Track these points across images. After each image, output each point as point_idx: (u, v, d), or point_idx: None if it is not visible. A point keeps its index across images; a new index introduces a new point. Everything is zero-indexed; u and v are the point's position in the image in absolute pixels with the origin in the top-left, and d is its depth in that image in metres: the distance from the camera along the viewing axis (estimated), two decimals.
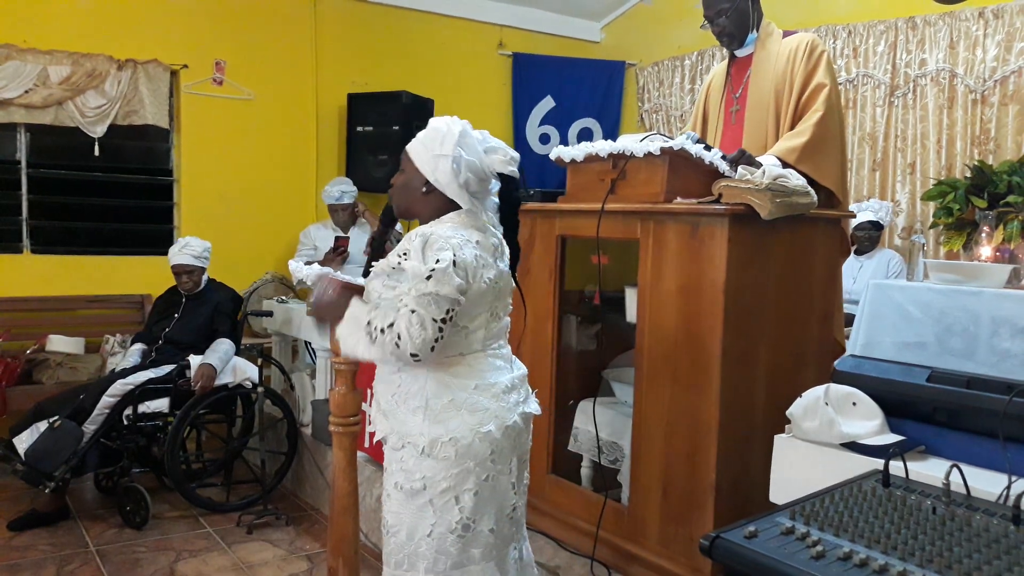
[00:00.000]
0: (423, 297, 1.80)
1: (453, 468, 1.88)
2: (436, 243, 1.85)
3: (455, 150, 1.92)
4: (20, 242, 4.90)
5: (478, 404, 1.92)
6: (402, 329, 1.80)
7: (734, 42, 2.94)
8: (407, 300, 1.82)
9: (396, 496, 1.94)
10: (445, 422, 1.89)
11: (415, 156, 1.98)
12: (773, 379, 2.47)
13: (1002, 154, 4.20)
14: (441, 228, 1.90)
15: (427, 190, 1.98)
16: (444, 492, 1.89)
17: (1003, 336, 2.44)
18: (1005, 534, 1.33)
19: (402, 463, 1.92)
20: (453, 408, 1.90)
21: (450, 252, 1.83)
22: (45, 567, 3.36)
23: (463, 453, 1.88)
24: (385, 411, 1.98)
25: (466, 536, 1.91)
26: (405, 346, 1.80)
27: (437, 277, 1.80)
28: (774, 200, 2.27)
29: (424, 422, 1.89)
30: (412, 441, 1.90)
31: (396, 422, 1.94)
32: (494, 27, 6.33)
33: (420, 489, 1.89)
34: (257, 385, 4.13)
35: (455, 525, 1.89)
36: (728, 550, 1.35)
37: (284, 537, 3.75)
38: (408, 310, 1.81)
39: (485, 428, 1.90)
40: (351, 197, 5.10)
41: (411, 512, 1.91)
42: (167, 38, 5.07)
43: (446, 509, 1.89)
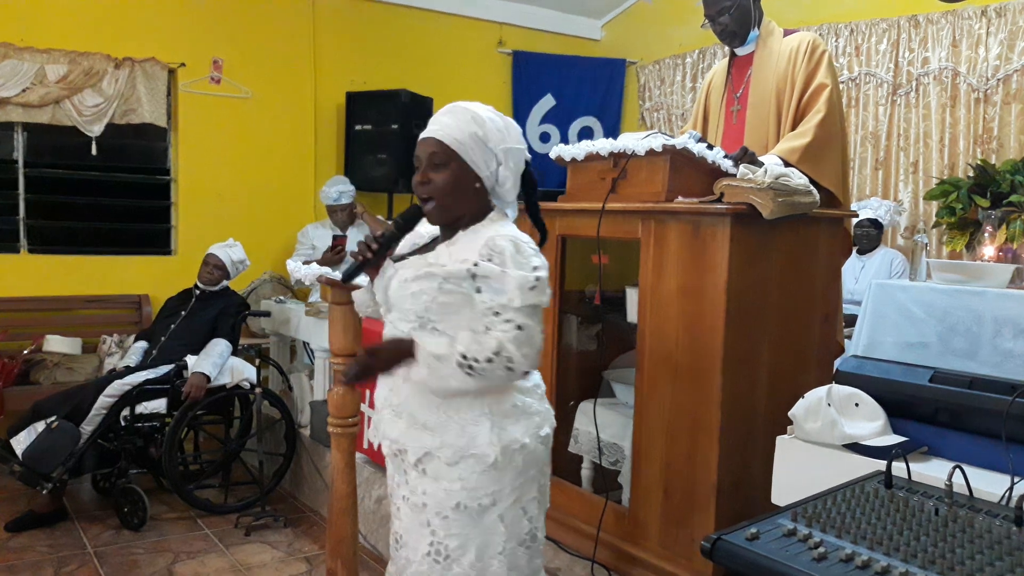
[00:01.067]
0: (529, 308, 1.70)
1: (520, 478, 1.79)
2: (525, 249, 1.74)
3: (521, 141, 1.84)
4: (17, 242, 4.89)
5: (532, 407, 1.84)
6: (512, 352, 1.68)
7: (735, 40, 2.93)
8: (508, 315, 1.69)
9: (457, 517, 1.77)
10: (511, 428, 1.78)
11: (463, 150, 1.79)
12: (775, 380, 2.45)
13: (1005, 153, 4.19)
14: (512, 231, 1.78)
15: (479, 187, 1.83)
16: (514, 504, 1.79)
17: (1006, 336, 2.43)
18: (1008, 535, 1.32)
19: (463, 480, 1.76)
20: (516, 413, 1.80)
21: (539, 259, 1.74)
22: (43, 568, 3.34)
23: (529, 460, 1.80)
24: (429, 424, 1.79)
25: (533, 547, 1.83)
26: (518, 368, 1.70)
27: (540, 287, 1.71)
28: (776, 199, 2.26)
29: (492, 430, 1.75)
30: (477, 452, 1.75)
31: (450, 435, 1.77)
32: (494, 25, 6.32)
33: (489, 505, 1.77)
34: (255, 386, 4.12)
35: (525, 537, 1.81)
36: (730, 552, 1.35)
37: (282, 539, 3.73)
38: (513, 327, 1.69)
39: (543, 431, 1.84)
40: (349, 197, 5.09)
41: (479, 531, 1.77)
42: (165, 36, 5.06)
43: (516, 522, 1.79)
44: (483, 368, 1.68)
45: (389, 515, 3.35)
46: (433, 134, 1.81)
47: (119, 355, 4.38)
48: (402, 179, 5.43)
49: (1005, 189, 2.97)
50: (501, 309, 1.70)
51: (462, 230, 1.83)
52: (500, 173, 1.83)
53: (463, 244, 1.79)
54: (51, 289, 4.84)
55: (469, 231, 1.82)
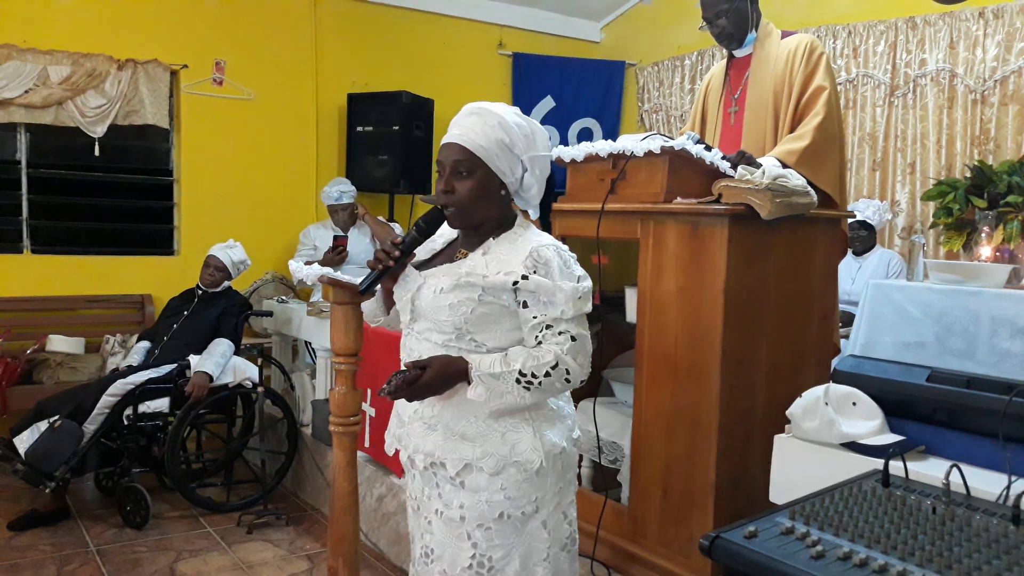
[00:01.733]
0: (580, 317, 1.70)
1: (560, 482, 1.77)
2: (568, 259, 1.73)
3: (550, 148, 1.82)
4: (20, 242, 4.90)
5: (565, 410, 1.83)
6: (570, 364, 1.68)
7: (733, 43, 2.94)
8: (562, 327, 1.68)
9: (500, 527, 1.73)
10: (550, 433, 1.76)
11: (489, 156, 1.73)
12: (773, 379, 2.47)
13: (1002, 154, 4.19)
14: (551, 239, 1.77)
15: (504, 193, 1.78)
16: (555, 509, 1.77)
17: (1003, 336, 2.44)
18: (1005, 534, 1.33)
19: (505, 490, 1.72)
20: (552, 417, 1.78)
21: (579, 267, 1.74)
22: (45, 567, 3.36)
23: (567, 464, 1.79)
24: (467, 435, 1.74)
25: (573, 550, 1.83)
26: (575, 378, 1.70)
27: (587, 295, 1.71)
28: (774, 200, 2.27)
29: (535, 437, 1.73)
30: (521, 459, 1.72)
31: (492, 444, 1.73)
32: (494, 27, 6.33)
33: (532, 513, 1.74)
34: (257, 385, 4.13)
35: (566, 541, 1.80)
36: (728, 550, 1.35)
37: (284, 537, 3.75)
38: (567, 338, 1.68)
39: (575, 434, 1.84)
40: (350, 197, 5.10)
41: (523, 539, 1.74)
42: (167, 38, 5.07)
43: (558, 527, 1.78)
44: (543, 383, 1.67)
45: (390, 514, 3.37)
46: (457, 139, 1.74)
47: (122, 355, 4.39)
48: (403, 180, 5.45)
49: (1002, 190, 2.98)
50: (554, 322, 1.69)
51: (492, 238, 1.79)
52: (525, 179, 1.79)
53: (500, 253, 1.74)
54: (54, 289, 4.85)
55: (502, 239, 1.78)
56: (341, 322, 2.33)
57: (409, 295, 1.80)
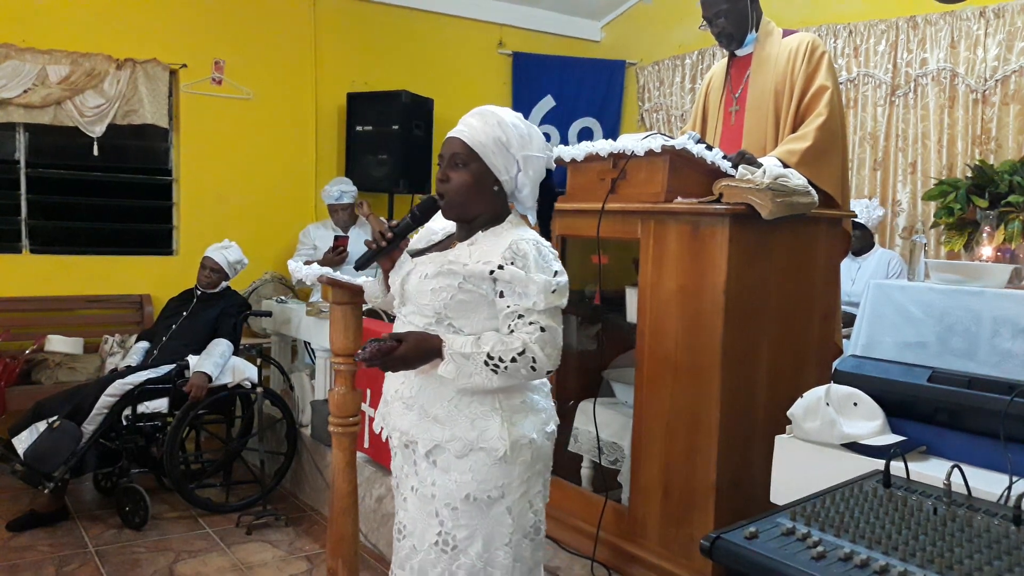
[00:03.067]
0: (551, 310, 1.76)
1: (527, 472, 1.84)
2: (546, 253, 1.80)
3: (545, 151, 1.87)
4: (19, 242, 4.89)
5: (540, 404, 1.90)
6: (536, 352, 1.74)
7: (733, 42, 2.93)
8: (532, 317, 1.75)
9: (466, 508, 1.81)
10: (520, 424, 1.83)
11: (484, 152, 1.83)
12: (774, 379, 2.46)
13: (1003, 154, 4.19)
14: (532, 235, 1.83)
15: (497, 189, 1.87)
16: (522, 497, 1.84)
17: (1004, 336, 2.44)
18: (1006, 535, 1.33)
19: (473, 472, 1.80)
20: (524, 409, 1.85)
21: (558, 262, 1.81)
22: (44, 567, 3.35)
23: (536, 455, 1.85)
24: (439, 417, 1.83)
25: (536, 539, 1.89)
26: (541, 368, 1.76)
27: (561, 289, 1.77)
28: (775, 200, 2.26)
29: (502, 425, 1.80)
30: (487, 446, 1.79)
31: (460, 428, 1.81)
32: (494, 26, 6.33)
33: (498, 497, 1.81)
34: (256, 385, 4.13)
35: (529, 529, 1.86)
36: (729, 551, 1.35)
37: (283, 538, 3.74)
38: (537, 328, 1.74)
39: (549, 428, 1.89)
40: (350, 197, 5.10)
41: (487, 522, 1.82)
42: (166, 37, 5.07)
43: (523, 514, 1.84)
44: (508, 367, 1.74)
45: (389, 514, 3.37)
46: (458, 134, 1.86)
47: (121, 355, 4.38)
48: (403, 180, 5.45)
49: (1003, 189, 2.99)
50: (525, 312, 1.75)
51: (481, 231, 1.87)
52: (519, 179, 1.87)
53: (484, 245, 1.82)
54: (53, 289, 4.85)
55: (489, 232, 1.85)
56: (340, 322, 2.33)
57: (400, 279, 1.91)
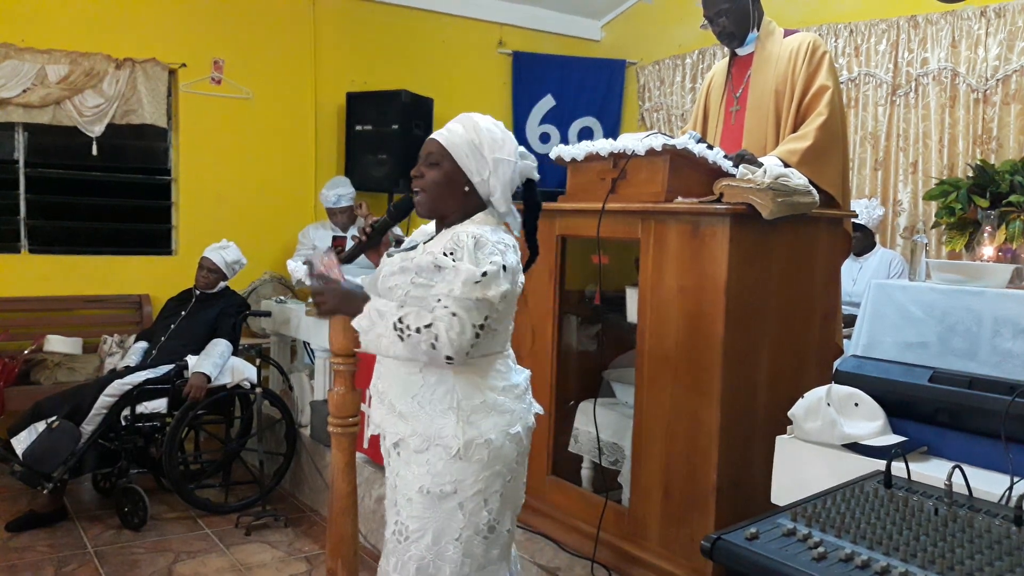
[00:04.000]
0: (468, 301, 1.77)
1: (484, 471, 1.86)
2: (486, 246, 1.82)
3: (515, 156, 1.92)
4: (18, 242, 4.89)
5: (505, 405, 1.91)
6: (441, 331, 1.76)
7: (734, 41, 2.93)
8: (447, 302, 1.78)
9: (420, 500, 1.88)
10: (478, 424, 1.86)
11: (458, 153, 1.91)
12: (775, 379, 2.46)
13: (1004, 153, 4.18)
14: (484, 230, 1.86)
15: (468, 190, 1.93)
16: (475, 495, 1.87)
17: (1005, 336, 2.44)
18: (1007, 535, 1.32)
19: (429, 466, 1.87)
20: (485, 409, 1.88)
21: (500, 257, 1.81)
22: (43, 568, 3.35)
23: (494, 456, 1.87)
24: (403, 413, 1.91)
25: (490, 537, 1.91)
26: (442, 348, 1.77)
27: (486, 282, 1.78)
28: (776, 200, 2.26)
29: (457, 424, 1.85)
30: (443, 443, 1.85)
31: (420, 424, 1.88)
32: (494, 25, 6.32)
33: (450, 492, 1.86)
34: (255, 386, 4.12)
35: (482, 527, 1.89)
36: (729, 552, 1.35)
37: (283, 538, 3.74)
38: (448, 312, 1.77)
39: (513, 430, 1.90)
40: (348, 200, 5.09)
41: (439, 516, 1.87)
42: (165, 37, 5.06)
43: (475, 512, 1.87)
44: (411, 336, 1.79)
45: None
46: (436, 136, 1.96)
47: (120, 355, 4.38)
48: (403, 179, 5.44)
49: (1004, 189, 2.98)
50: (443, 296, 1.80)
51: (446, 228, 1.94)
52: (491, 181, 1.92)
53: (438, 239, 1.90)
54: (52, 289, 4.84)
55: (450, 229, 1.92)
56: (340, 322, 2.32)
57: (378, 275, 1.99)
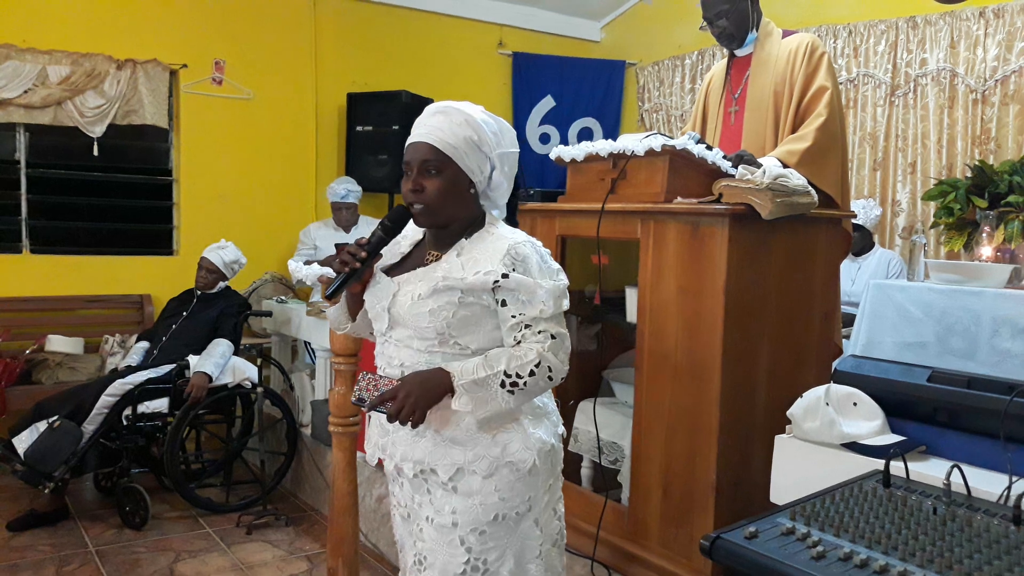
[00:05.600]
0: (559, 315, 1.69)
1: (549, 479, 1.78)
2: (546, 256, 1.73)
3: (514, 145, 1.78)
4: (19, 242, 4.90)
5: (548, 406, 1.83)
6: (552, 361, 1.66)
7: (733, 43, 2.93)
8: (542, 325, 1.67)
9: (495, 530, 1.71)
10: (539, 431, 1.76)
11: (458, 155, 1.70)
12: (774, 379, 2.46)
13: (1003, 154, 4.19)
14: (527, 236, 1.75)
15: (473, 192, 1.75)
16: (547, 506, 1.78)
17: (1004, 336, 2.44)
18: (1006, 534, 1.33)
19: (499, 491, 1.70)
20: (539, 415, 1.78)
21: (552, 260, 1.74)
22: (44, 567, 3.35)
23: (556, 460, 1.80)
24: (456, 439, 1.71)
25: (561, 544, 1.83)
26: (558, 374, 1.68)
27: (565, 292, 1.71)
28: (775, 200, 2.27)
29: (525, 436, 1.72)
30: (513, 460, 1.70)
31: (483, 446, 1.70)
32: (494, 26, 6.33)
33: (526, 511, 1.73)
34: (256, 385, 4.13)
35: (556, 536, 1.81)
36: (729, 551, 1.35)
37: (284, 538, 3.74)
38: (547, 336, 1.66)
39: (560, 429, 1.83)
40: (356, 197, 5.12)
41: (517, 538, 1.73)
42: (166, 38, 5.07)
43: (549, 523, 1.79)
44: (527, 383, 1.64)
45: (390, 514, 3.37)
46: (424, 138, 1.71)
47: (121, 355, 4.39)
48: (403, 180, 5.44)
49: (1003, 189, 2.98)
50: (533, 321, 1.67)
51: (465, 238, 1.75)
52: (494, 177, 1.76)
53: (475, 253, 1.71)
54: (53, 289, 4.85)
55: (475, 239, 1.74)
56: None
57: (385, 303, 1.75)
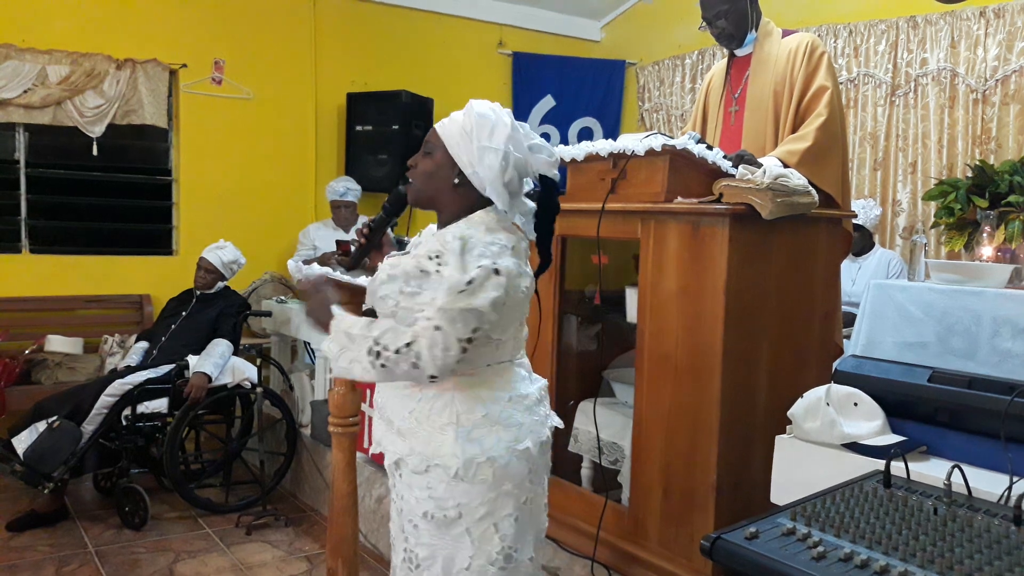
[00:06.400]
0: (453, 312, 1.59)
1: (490, 492, 1.68)
2: (475, 249, 1.65)
3: (506, 144, 1.70)
4: (19, 242, 4.90)
5: (512, 419, 1.72)
6: (423, 349, 1.59)
7: (733, 43, 2.93)
8: (432, 313, 1.60)
9: (426, 526, 1.71)
10: (480, 440, 1.68)
11: (450, 142, 1.74)
12: (774, 379, 2.46)
13: (1003, 154, 4.19)
14: (478, 231, 1.69)
15: (459, 182, 1.74)
16: (482, 520, 1.68)
17: (1004, 336, 2.44)
18: (1006, 535, 1.33)
19: (430, 489, 1.69)
20: (487, 424, 1.69)
21: (489, 261, 1.63)
22: (44, 567, 3.35)
23: (500, 475, 1.68)
24: (402, 430, 1.74)
25: (508, 568, 1.71)
26: (425, 367, 1.60)
27: (472, 290, 1.60)
28: (775, 200, 2.26)
29: (456, 441, 1.67)
30: (442, 463, 1.67)
31: (418, 442, 1.70)
32: (494, 26, 6.33)
33: (455, 518, 1.68)
34: (256, 385, 4.12)
35: (496, 556, 1.69)
36: (729, 551, 1.35)
37: (283, 538, 3.74)
38: (432, 326, 1.59)
39: (522, 445, 1.71)
40: (355, 196, 5.12)
41: (447, 543, 1.70)
42: (166, 37, 5.07)
43: (485, 539, 1.69)
44: (390, 358, 1.61)
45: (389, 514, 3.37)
46: (437, 124, 1.82)
47: (120, 355, 4.38)
48: (403, 180, 5.44)
49: (1003, 189, 2.98)
50: (427, 306, 1.62)
51: (440, 226, 1.78)
52: (480, 173, 1.72)
53: (427, 241, 1.74)
54: (52, 289, 4.85)
55: (443, 228, 1.75)
56: None
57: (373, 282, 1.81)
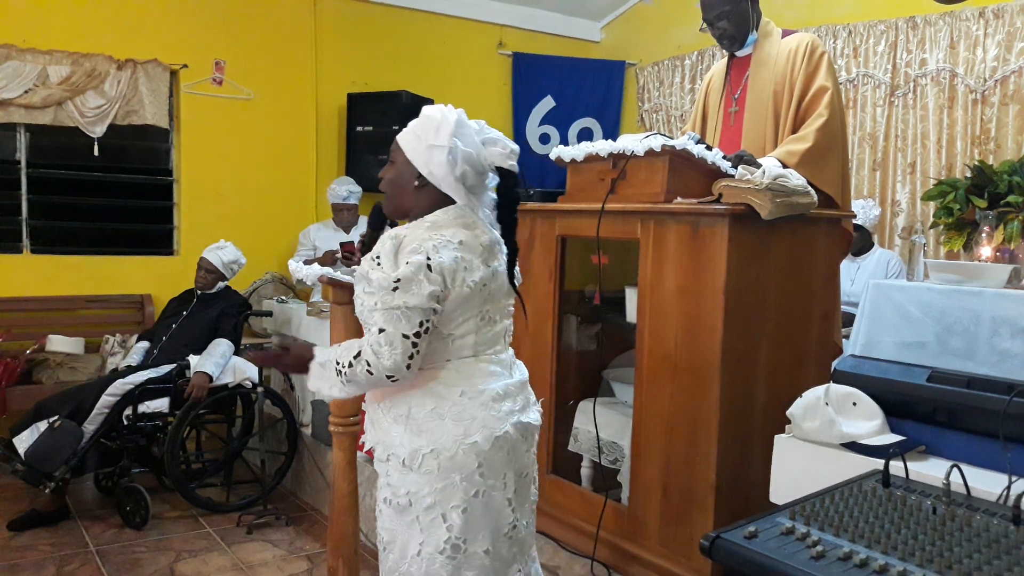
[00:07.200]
0: (390, 312, 1.66)
1: (437, 483, 1.74)
2: (408, 246, 1.71)
3: (451, 140, 1.76)
4: (20, 242, 4.90)
5: (464, 413, 1.76)
6: (370, 356, 1.68)
7: (734, 44, 2.93)
8: (375, 317, 1.69)
9: (386, 511, 1.82)
10: (427, 432, 1.75)
11: (406, 147, 1.83)
12: (773, 379, 2.47)
13: (1002, 154, 4.19)
14: (417, 229, 1.76)
15: (419, 184, 1.82)
16: (429, 509, 1.75)
17: (1003, 336, 2.44)
18: (1005, 534, 1.33)
19: (388, 477, 1.80)
20: (436, 417, 1.75)
21: (421, 256, 1.68)
22: (45, 567, 3.36)
23: (446, 466, 1.73)
24: (372, 420, 1.86)
25: (457, 557, 1.75)
26: (378, 371, 1.68)
27: (404, 286, 1.66)
28: (774, 200, 2.27)
29: (405, 432, 1.76)
30: (395, 453, 1.77)
31: (380, 432, 1.82)
32: (494, 27, 6.33)
33: (407, 505, 1.76)
34: (257, 385, 4.13)
35: (443, 545, 1.74)
36: (728, 550, 1.36)
37: (284, 537, 3.75)
38: (377, 330, 1.68)
39: (470, 439, 1.75)
40: (357, 198, 5.12)
41: (401, 529, 1.78)
42: (167, 38, 5.07)
43: (433, 527, 1.75)
44: (349, 373, 1.72)
45: None
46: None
47: (121, 355, 4.39)
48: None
49: (1002, 190, 2.98)
50: (370, 312, 1.72)
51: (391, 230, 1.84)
52: (433, 172, 1.80)
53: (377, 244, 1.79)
54: (54, 289, 4.85)
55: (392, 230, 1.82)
56: (341, 322, 2.33)
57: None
